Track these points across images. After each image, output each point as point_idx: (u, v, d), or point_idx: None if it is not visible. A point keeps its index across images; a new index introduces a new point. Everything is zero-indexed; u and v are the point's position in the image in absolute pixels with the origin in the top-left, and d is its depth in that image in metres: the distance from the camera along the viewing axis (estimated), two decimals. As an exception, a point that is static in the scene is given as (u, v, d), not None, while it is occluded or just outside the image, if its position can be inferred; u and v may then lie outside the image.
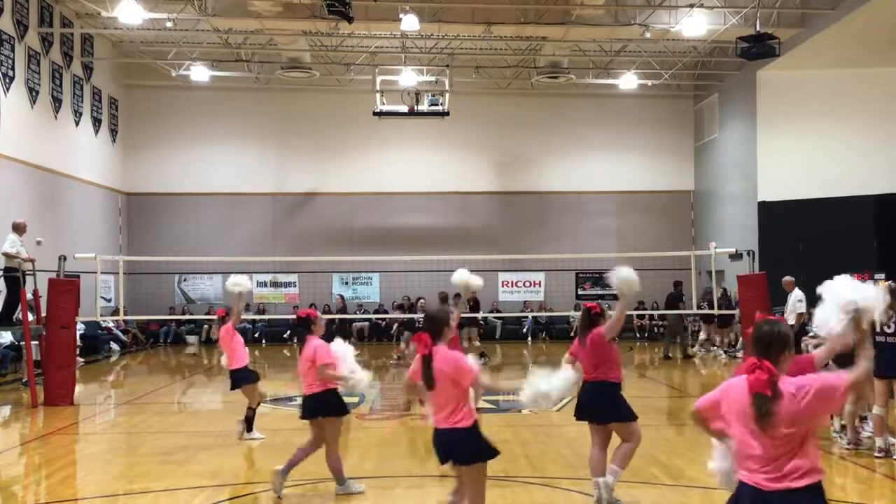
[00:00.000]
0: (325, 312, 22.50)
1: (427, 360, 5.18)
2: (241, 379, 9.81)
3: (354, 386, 7.23)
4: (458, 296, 11.78)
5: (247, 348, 10.06)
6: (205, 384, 16.25)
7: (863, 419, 9.15)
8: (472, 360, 5.18)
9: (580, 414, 6.82)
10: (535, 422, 11.22)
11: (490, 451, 5.26)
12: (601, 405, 6.66)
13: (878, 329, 8.38)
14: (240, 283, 9.74)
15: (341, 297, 13.78)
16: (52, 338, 12.93)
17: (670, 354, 19.52)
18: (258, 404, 10.06)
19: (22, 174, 19.12)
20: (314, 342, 7.19)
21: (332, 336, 7.61)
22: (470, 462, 5.23)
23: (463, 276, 8.87)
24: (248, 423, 9.87)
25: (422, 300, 14.62)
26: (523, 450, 9.04)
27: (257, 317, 24.05)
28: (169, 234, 25.95)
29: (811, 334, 9.28)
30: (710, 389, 3.94)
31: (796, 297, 16.44)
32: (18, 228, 13.89)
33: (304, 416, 7.30)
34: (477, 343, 18.53)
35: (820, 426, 3.83)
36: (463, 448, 5.18)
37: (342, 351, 7.27)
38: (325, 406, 7.17)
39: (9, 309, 13.72)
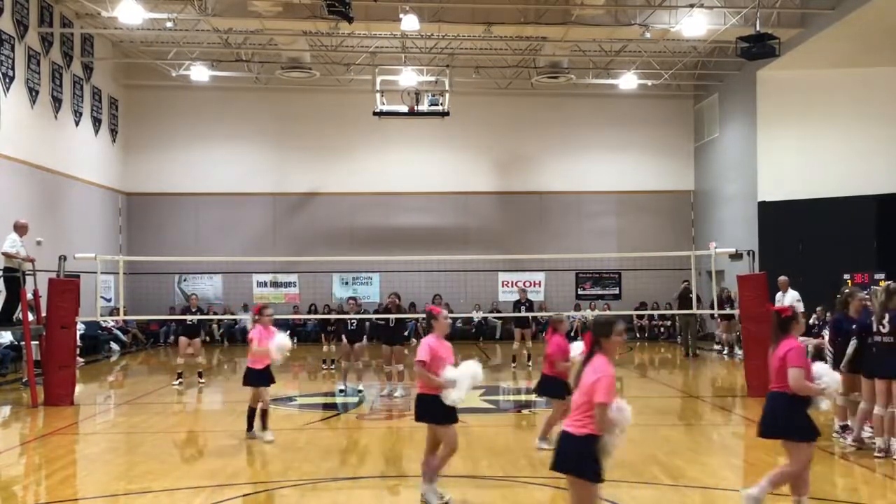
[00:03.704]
0: (324, 313, 22.52)
1: (587, 360, 4.96)
2: (265, 379, 9.80)
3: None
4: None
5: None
6: (204, 384, 16.20)
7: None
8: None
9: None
10: (535, 422, 11.22)
11: (595, 474, 4.77)
12: (771, 418, 6.16)
13: (874, 329, 8.43)
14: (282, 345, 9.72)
15: (355, 299, 13.93)
16: (52, 338, 12.93)
17: (696, 353, 20.35)
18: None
19: (22, 174, 19.12)
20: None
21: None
22: (568, 470, 4.85)
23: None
24: (250, 421, 9.86)
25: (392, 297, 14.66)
26: (523, 450, 9.03)
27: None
28: (169, 234, 25.95)
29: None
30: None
31: (794, 297, 16.53)
32: (20, 229, 13.88)
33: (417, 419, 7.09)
34: (529, 343, 18.61)
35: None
36: (566, 453, 4.85)
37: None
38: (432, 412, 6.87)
39: (9, 309, 13.72)
